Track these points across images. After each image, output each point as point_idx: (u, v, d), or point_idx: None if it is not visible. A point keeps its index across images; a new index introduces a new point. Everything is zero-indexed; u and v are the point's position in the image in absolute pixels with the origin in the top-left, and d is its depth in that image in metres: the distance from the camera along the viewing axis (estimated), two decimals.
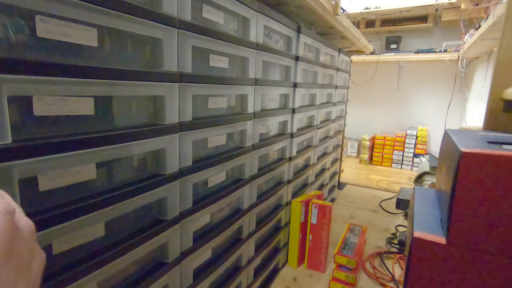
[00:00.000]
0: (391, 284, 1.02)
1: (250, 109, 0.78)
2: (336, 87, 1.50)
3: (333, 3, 1.05)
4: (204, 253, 0.67)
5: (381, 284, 1.02)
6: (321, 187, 1.49)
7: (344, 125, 1.88)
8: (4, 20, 0.32)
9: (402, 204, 1.38)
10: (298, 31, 0.97)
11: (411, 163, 2.61)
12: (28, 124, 0.36)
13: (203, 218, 0.65)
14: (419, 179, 1.51)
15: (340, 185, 2.06)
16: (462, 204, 0.46)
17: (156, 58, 0.51)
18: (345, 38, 1.50)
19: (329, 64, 1.36)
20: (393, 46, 2.64)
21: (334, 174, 1.78)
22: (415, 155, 2.58)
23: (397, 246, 1.24)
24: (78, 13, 0.37)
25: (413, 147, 2.58)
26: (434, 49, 2.38)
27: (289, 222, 1.11)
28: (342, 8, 1.31)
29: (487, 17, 1.33)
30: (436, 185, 0.72)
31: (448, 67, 2.52)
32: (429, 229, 0.51)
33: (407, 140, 2.60)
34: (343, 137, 1.92)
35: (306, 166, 1.24)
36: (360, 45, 1.75)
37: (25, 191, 0.35)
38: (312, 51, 1.17)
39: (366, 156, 2.71)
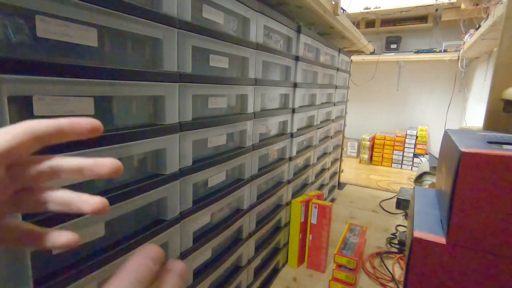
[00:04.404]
0: (391, 284, 1.02)
1: (250, 109, 0.78)
2: (336, 87, 1.50)
3: (333, 3, 1.05)
4: (204, 253, 0.67)
5: (381, 284, 1.02)
6: (321, 187, 1.49)
7: (344, 125, 1.88)
8: (4, 20, 0.32)
9: (402, 204, 1.38)
10: (298, 31, 0.97)
11: (411, 163, 2.61)
12: None
13: (203, 218, 0.65)
14: (419, 179, 1.51)
15: (340, 185, 2.06)
16: (462, 204, 0.46)
17: (156, 58, 0.51)
18: (345, 38, 1.50)
19: (329, 64, 1.36)
20: (393, 46, 2.64)
21: (334, 174, 1.77)
22: (415, 155, 2.58)
23: (397, 246, 1.24)
24: (78, 13, 0.37)
25: (413, 147, 2.58)
26: (434, 49, 2.38)
27: (289, 222, 1.11)
28: (342, 8, 1.31)
29: (487, 17, 1.33)
30: (436, 185, 0.72)
31: (448, 67, 2.52)
32: (429, 229, 0.51)
33: (407, 140, 2.60)
34: (343, 137, 1.92)
35: (306, 166, 1.24)
36: (360, 45, 1.75)
37: None
38: (312, 51, 1.17)
39: (366, 156, 2.71)
